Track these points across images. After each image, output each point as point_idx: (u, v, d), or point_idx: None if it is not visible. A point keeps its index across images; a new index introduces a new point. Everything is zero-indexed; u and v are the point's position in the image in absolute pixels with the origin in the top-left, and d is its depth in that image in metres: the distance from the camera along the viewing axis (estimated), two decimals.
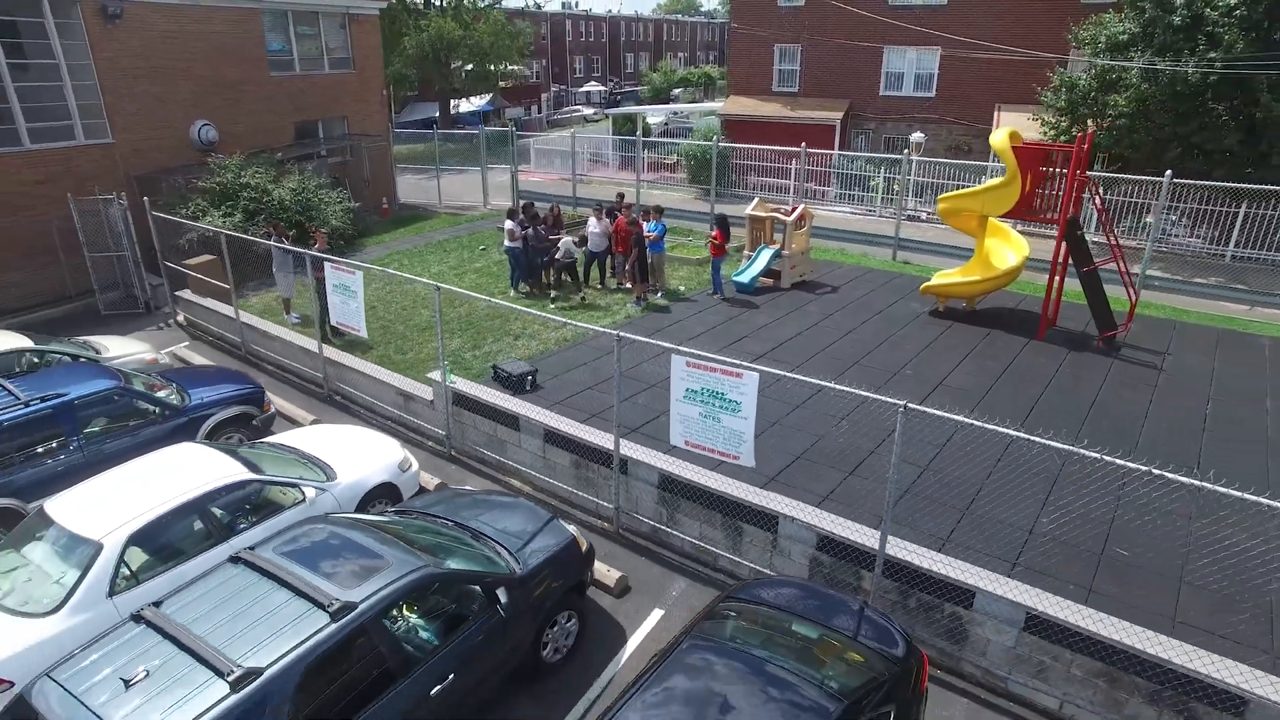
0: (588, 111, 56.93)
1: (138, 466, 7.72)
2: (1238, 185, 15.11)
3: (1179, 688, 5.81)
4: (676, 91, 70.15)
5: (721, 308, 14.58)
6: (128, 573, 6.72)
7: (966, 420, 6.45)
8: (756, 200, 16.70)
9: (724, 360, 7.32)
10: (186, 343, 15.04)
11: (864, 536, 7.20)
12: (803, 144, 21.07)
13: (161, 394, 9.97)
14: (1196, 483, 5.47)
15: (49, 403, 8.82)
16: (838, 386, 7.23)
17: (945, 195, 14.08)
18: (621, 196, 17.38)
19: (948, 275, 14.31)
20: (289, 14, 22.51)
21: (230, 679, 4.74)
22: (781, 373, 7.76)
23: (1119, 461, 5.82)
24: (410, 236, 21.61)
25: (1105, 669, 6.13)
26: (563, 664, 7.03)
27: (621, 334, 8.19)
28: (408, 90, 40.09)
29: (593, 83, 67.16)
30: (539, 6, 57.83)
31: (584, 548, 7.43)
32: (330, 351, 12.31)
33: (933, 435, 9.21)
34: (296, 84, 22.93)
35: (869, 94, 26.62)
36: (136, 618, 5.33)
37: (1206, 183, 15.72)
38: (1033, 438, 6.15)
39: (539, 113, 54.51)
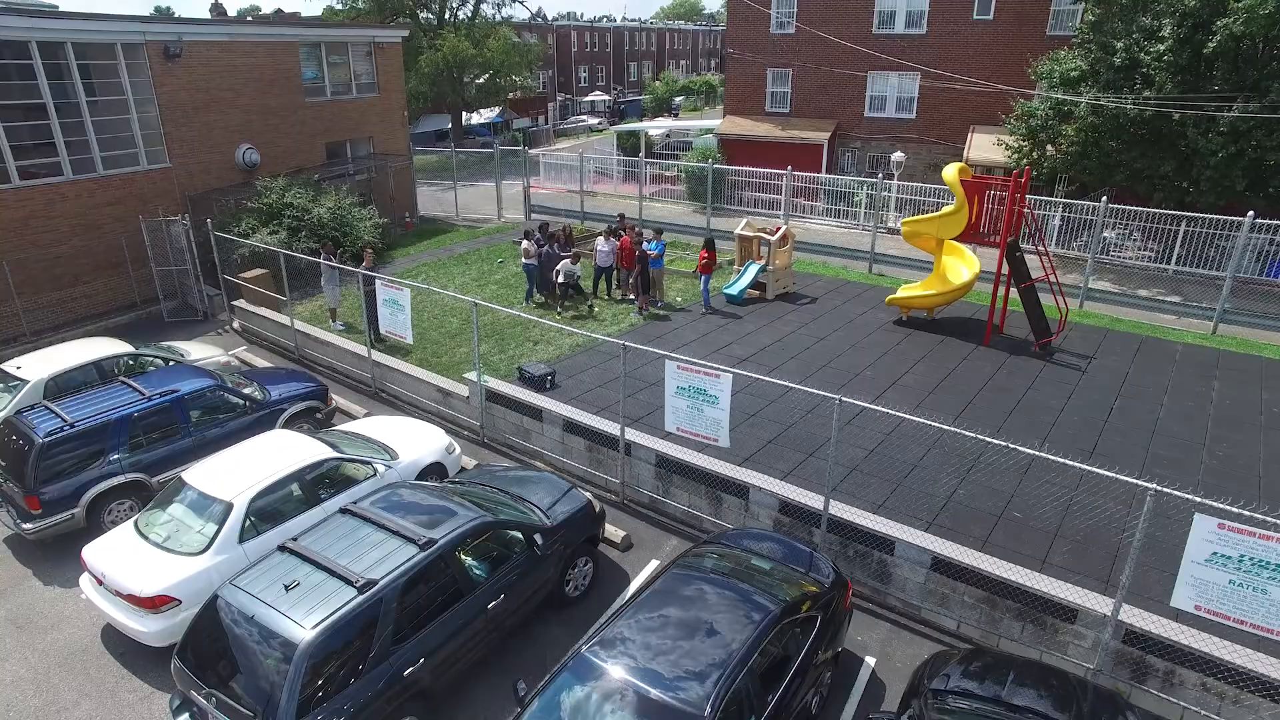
0: (593, 121, 59.08)
1: (249, 446, 9.85)
2: (1161, 210, 17.23)
3: (1035, 606, 7.91)
4: (678, 99, 72.29)
5: (712, 318, 16.70)
6: (250, 525, 8.85)
7: (884, 410, 8.56)
8: (745, 221, 18.82)
9: (706, 364, 9.44)
10: (245, 346, 17.17)
11: (813, 501, 9.30)
12: (788, 167, 23.18)
13: (247, 390, 12.11)
14: (1033, 452, 7.58)
15: (166, 397, 10.97)
16: (796, 386, 9.34)
17: (907, 220, 16.21)
18: (622, 217, 19.51)
19: (910, 289, 16.41)
20: (322, 45, 24.70)
21: (357, 585, 6.86)
22: (753, 375, 9.88)
23: (988, 439, 7.91)
24: (433, 249, 23.76)
25: (988, 596, 8.22)
26: (581, 599, 9.12)
27: (627, 343, 10.29)
28: (422, 105, 42.19)
29: (597, 92, 69.30)
30: (545, 19, 60.00)
31: (596, 509, 9.54)
32: (377, 355, 14.44)
33: (882, 426, 11.31)
34: (328, 108, 25.09)
35: (855, 115, 28.75)
36: (283, 549, 7.46)
37: (1135, 206, 17.87)
38: (935, 424, 8.26)
39: (546, 123, 56.60)
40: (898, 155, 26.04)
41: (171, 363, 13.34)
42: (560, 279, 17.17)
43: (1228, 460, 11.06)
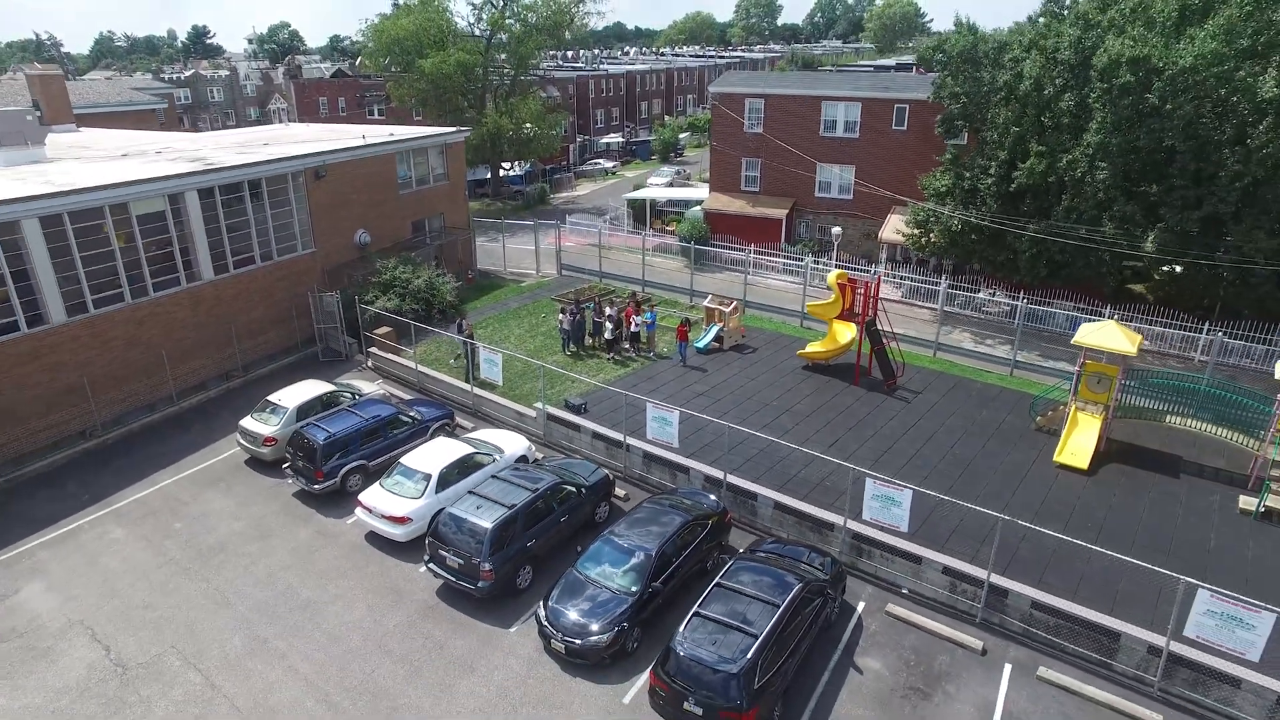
0: (608, 165, 68.01)
1: (430, 446, 18.87)
2: (973, 292, 25.97)
3: (811, 520, 16.77)
4: (683, 136, 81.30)
5: (685, 370, 25.57)
6: (440, 483, 17.83)
7: (749, 431, 17.48)
8: (710, 296, 27.79)
9: (664, 404, 18.39)
10: (380, 380, 26.21)
11: (719, 475, 18.18)
12: (750, 245, 32.07)
13: (411, 414, 21.16)
14: (810, 451, 16.51)
15: (376, 419, 20.03)
16: (714, 419, 18.25)
17: (809, 304, 25.11)
18: (634, 295, 28.46)
19: (813, 346, 25.25)
20: (411, 152, 33.81)
21: (506, 504, 15.83)
22: (690, 411, 18.79)
23: (781, 442, 16.83)
24: (491, 304, 32.77)
25: (796, 521, 17.07)
26: (603, 523, 17.95)
27: (629, 394, 19.22)
28: (468, 163, 51.40)
29: (613, 134, 78.23)
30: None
31: (610, 479, 18.50)
32: (476, 390, 23.44)
33: (761, 440, 20.20)
34: (413, 196, 34.18)
35: (808, 195, 37.59)
36: (471, 493, 16.43)
37: (961, 291, 26.62)
38: (762, 435, 17.17)
39: (567, 169, 65.57)
40: (836, 230, 34.87)
41: (354, 395, 22.43)
42: (606, 335, 26.02)
43: (954, 458, 19.85)
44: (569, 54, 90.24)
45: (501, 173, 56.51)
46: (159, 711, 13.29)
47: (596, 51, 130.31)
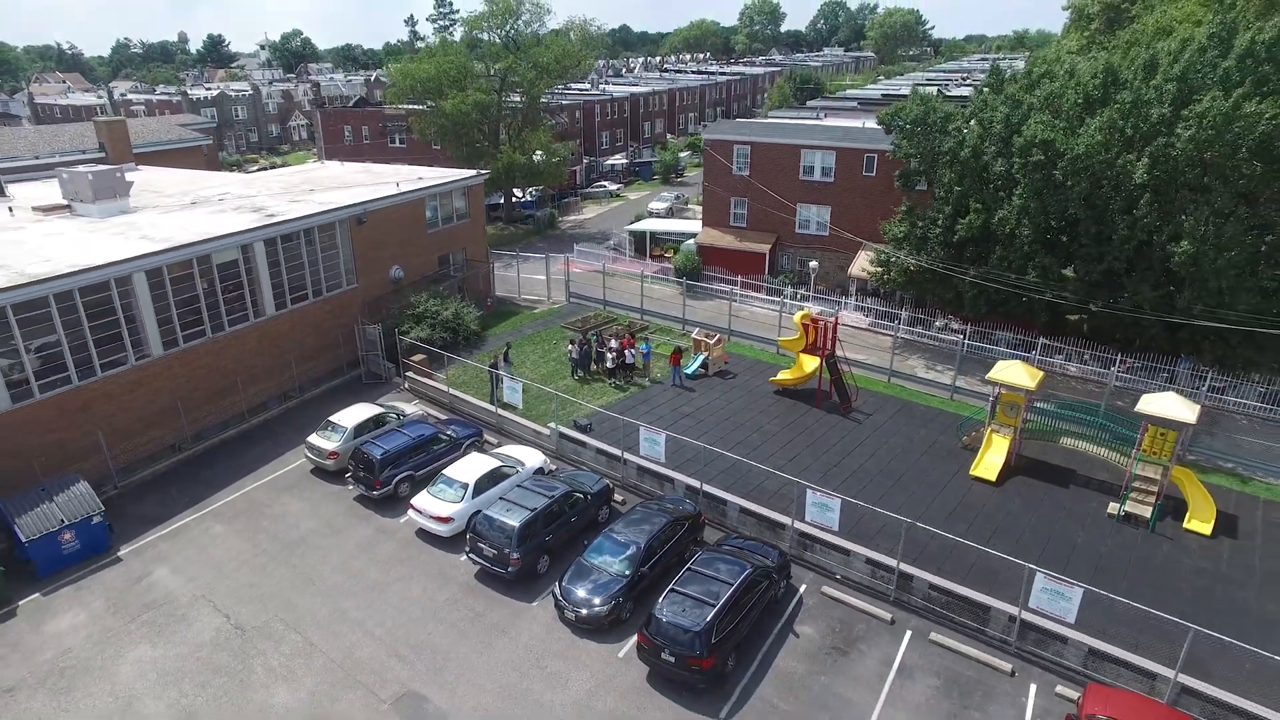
0: (612, 187, 72.58)
1: (465, 460, 23.52)
2: (930, 322, 30.50)
3: (765, 521, 21.36)
4: (683, 154, 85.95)
5: (676, 392, 30.14)
6: (475, 491, 22.45)
7: (721, 452, 22.08)
8: (697, 329, 32.36)
9: (653, 427, 22.98)
10: (417, 402, 30.82)
11: (697, 483, 22.77)
12: (739, 276, 36.62)
13: (449, 433, 25.80)
14: (765, 468, 21.12)
15: (421, 437, 24.69)
16: (685, 439, 22.84)
17: (781, 340, 29.63)
18: (630, 325, 33.06)
19: (784, 373, 29.79)
20: (438, 195, 38.46)
21: (529, 508, 20.43)
22: (673, 434, 23.38)
23: (737, 457, 21.42)
24: (510, 330, 37.37)
25: (757, 521, 21.64)
26: (604, 523, 22.51)
27: (623, 418, 23.83)
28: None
29: (616, 155, 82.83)
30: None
31: (611, 487, 23.12)
32: (500, 410, 28.05)
33: (729, 460, 24.76)
34: (439, 234, 38.82)
35: (789, 231, 42.13)
36: (501, 499, 21.03)
37: (919, 321, 31.13)
38: (730, 455, 21.77)
39: (574, 193, 70.16)
40: (813, 263, 39.41)
41: (399, 415, 27.08)
42: (608, 364, 30.65)
43: (890, 471, 24.38)
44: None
45: (514, 198, 61.15)
46: (274, 661, 17.95)
47: (603, 63, 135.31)
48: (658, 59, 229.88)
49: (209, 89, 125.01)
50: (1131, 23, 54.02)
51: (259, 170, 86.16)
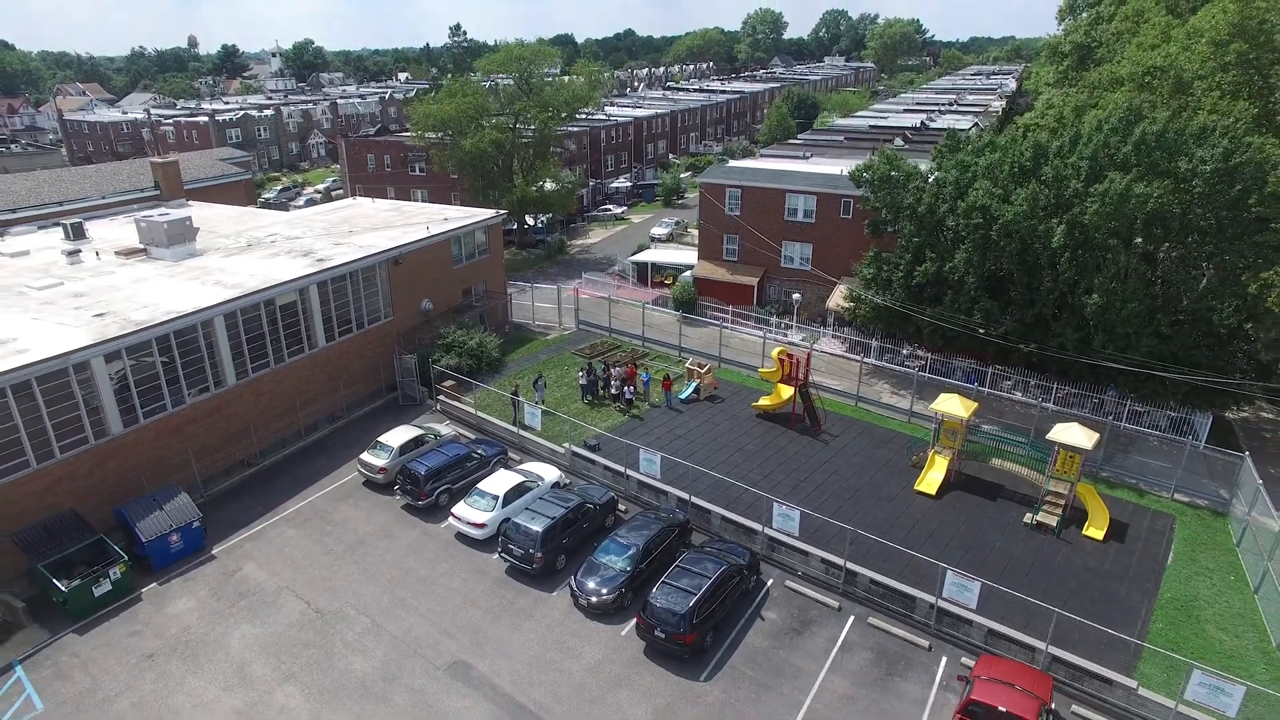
0: (617, 210, 77.41)
1: (495, 476, 28.37)
2: (898, 350, 35.28)
3: (739, 528, 26.13)
4: (684, 175, 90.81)
5: (672, 414, 34.93)
6: (504, 502, 27.27)
7: (704, 469, 26.89)
8: (690, 359, 37.16)
9: (650, 449, 27.79)
10: (448, 422, 35.63)
11: (686, 495, 27.56)
12: (730, 306, 41.42)
13: (480, 452, 30.65)
14: (742, 485, 25.94)
15: (457, 455, 29.55)
16: (677, 459, 27.65)
17: (760, 370, 34.41)
18: (634, 352, 37.89)
19: (764, 400, 34.56)
20: (461, 236, 43.32)
21: (549, 516, 25.25)
22: (667, 455, 28.18)
23: (719, 475, 26.23)
24: (525, 356, 42.18)
25: (737, 528, 26.41)
26: (610, 528, 27.30)
27: (627, 440, 28.63)
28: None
29: (621, 178, 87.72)
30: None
31: (615, 498, 27.93)
32: (520, 430, 32.85)
33: (710, 478, 29.54)
34: (462, 269, 43.66)
35: (776, 265, 46.93)
36: (526, 509, 25.85)
37: (889, 350, 35.91)
38: (715, 474, 26.58)
39: (581, 217, 74.98)
40: (796, 296, 44.20)
41: (435, 435, 31.93)
42: (613, 390, 35.48)
43: (848, 486, 29.12)
44: None
45: (525, 225, 66.05)
46: (350, 637, 22.79)
47: (607, 74, 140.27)
48: (661, 70, 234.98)
49: (228, 103, 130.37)
50: (1096, 65, 58.70)
51: (281, 191, 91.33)
